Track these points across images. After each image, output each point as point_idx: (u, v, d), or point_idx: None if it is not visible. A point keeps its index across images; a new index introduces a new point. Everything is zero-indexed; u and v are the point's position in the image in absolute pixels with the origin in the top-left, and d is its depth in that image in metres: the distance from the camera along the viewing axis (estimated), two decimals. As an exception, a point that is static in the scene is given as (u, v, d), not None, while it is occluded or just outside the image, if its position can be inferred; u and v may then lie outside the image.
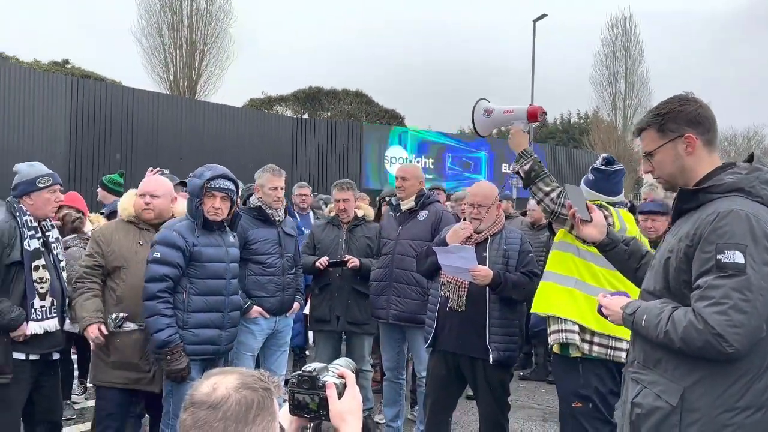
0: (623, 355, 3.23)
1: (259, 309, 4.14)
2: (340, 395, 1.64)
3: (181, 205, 3.79)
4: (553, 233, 6.81)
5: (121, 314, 3.55)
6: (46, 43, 47.07)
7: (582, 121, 45.46)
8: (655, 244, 4.62)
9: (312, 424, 1.70)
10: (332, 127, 25.85)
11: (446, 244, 3.68)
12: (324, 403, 1.63)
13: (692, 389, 2.02)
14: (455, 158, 25.93)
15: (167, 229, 3.53)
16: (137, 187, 3.85)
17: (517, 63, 72.47)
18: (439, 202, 4.84)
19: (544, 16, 25.65)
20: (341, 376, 1.70)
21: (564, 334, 3.21)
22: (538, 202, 3.24)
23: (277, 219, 4.29)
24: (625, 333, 3.21)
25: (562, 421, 3.47)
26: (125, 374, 3.57)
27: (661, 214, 4.86)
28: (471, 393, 4.55)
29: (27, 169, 3.56)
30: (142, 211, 3.69)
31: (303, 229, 5.84)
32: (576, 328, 3.21)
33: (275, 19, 71.77)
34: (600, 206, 3.13)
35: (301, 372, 1.66)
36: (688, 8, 79.68)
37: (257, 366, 4.36)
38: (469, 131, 43.72)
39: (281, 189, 4.29)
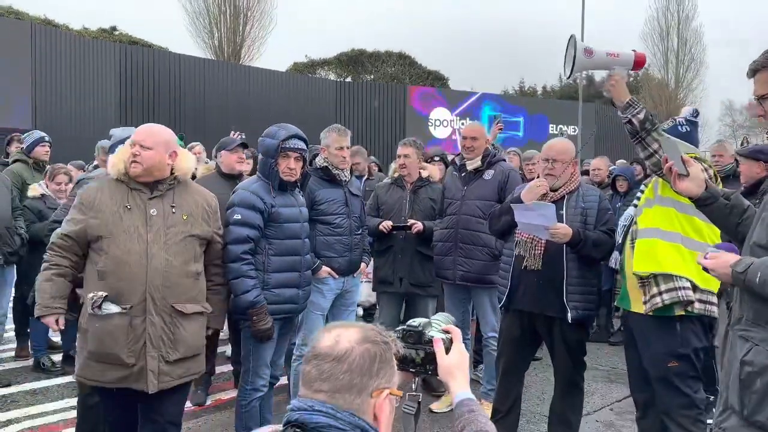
0: (716, 309, 3.13)
1: (328, 269, 4.13)
2: (447, 350, 1.63)
3: (186, 162, 3.11)
4: (617, 193, 6.70)
5: (100, 293, 2.82)
6: (94, 11, 47.57)
7: (632, 79, 44.02)
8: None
9: (417, 379, 1.68)
10: (376, 90, 25.66)
11: (521, 202, 3.58)
12: (431, 358, 1.61)
13: None
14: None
15: (244, 191, 3.50)
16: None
17: (565, 20, 70.31)
18: (504, 160, 4.69)
19: (594, -31, 24.69)
20: (446, 332, 1.67)
21: (683, 292, 3.05)
22: (651, 155, 3.05)
23: (343, 179, 4.24)
24: (717, 286, 3.11)
25: (639, 389, 3.38)
26: (106, 369, 2.86)
27: (752, 159, 4.70)
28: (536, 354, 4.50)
29: (120, 131, 3.63)
30: (130, 164, 2.94)
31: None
32: (689, 284, 3.07)
33: (315, -19, 71.02)
34: (697, 159, 2.99)
35: (406, 326, 1.64)
36: (746, -43, 75.73)
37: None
38: (514, 92, 42.92)
39: (347, 149, 4.23)
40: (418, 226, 4.61)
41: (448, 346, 1.63)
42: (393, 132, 24.41)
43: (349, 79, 31.51)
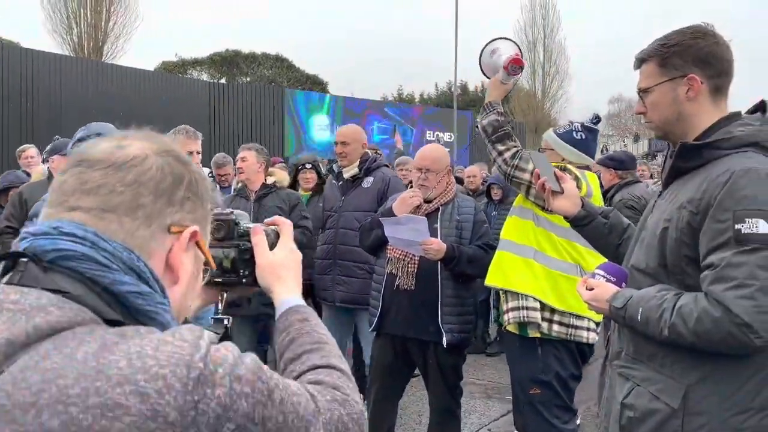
0: (585, 334, 2.92)
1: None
2: (272, 246, 1.14)
3: None
4: (491, 200, 6.61)
5: None
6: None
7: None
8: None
9: (225, 295, 1.17)
10: (253, 92, 24.83)
11: (393, 215, 3.24)
12: (246, 258, 1.12)
13: (697, 388, 1.65)
14: (380, 127, 25.67)
15: (43, 203, 2.92)
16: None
17: (439, 31, 72.29)
18: (386, 166, 4.32)
19: (467, -20, 25.35)
20: (273, 224, 1.19)
21: (525, 311, 2.85)
22: (492, 162, 2.93)
23: (193, 189, 3.71)
24: (588, 310, 2.92)
25: (516, 409, 3.16)
26: None
27: (604, 167, 5.05)
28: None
29: None
30: None
31: None
32: (537, 305, 2.86)
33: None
34: (564, 169, 2.79)
35: (213, 215, 1.06)
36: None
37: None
38: (393, 98, 43.38)
39: (197, 154, 3.70)
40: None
41: (273, 241, 1.15)
42: (271, 136, 23.66)
43: (223, 81, 30.34)
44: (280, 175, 4.54)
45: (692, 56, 1.75)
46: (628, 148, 33.79)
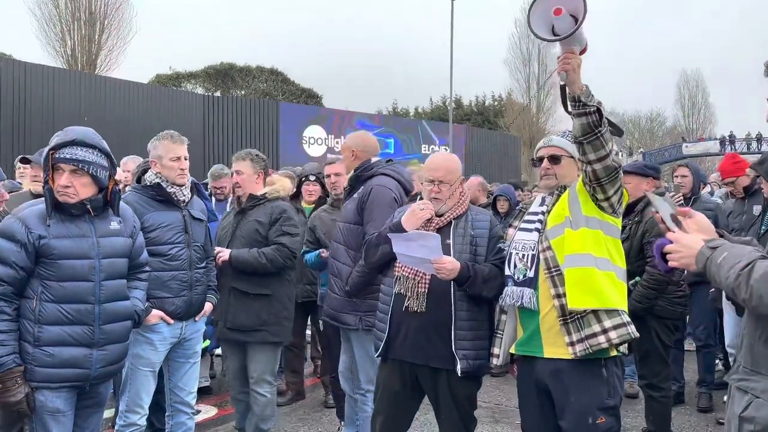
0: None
1: (160, 313, 3.28)
2: None
3: None
4: (497, 214, 6.29)
5: None
6: (-75, 12, 42.68)
7: (496, 103, 46.21)
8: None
9: None
10: (247, 105, 24.64)
11: (402, 229, 2.95)
12: None
13: None
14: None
15: (12, 216, 2.65)
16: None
17: (432, 46, 72.53)
18: (385, 175, 3.72)
19: (462, -6, 25.34)
20: None
21: (631, 327, 2.59)
22: (606, 156, 2.50)
23: (181, 199, 3.42)
24: None
25: None
26: None
27: (641, 176, 4.51)
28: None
29: None
30: None
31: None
32: (629, 319, 2.62)
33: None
34: None
35: None
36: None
37: (160, 383, 3.50)
38: (387, 112, 43.28)
39: (185, 159, 3.42)
40: (222, 255, 3.74)
41: None
42: (265, 150, 23.46)
43: (218, 94, 30.12)
44: (282, 183, 4.08)
45: None
46: (623, 161, 33.64)
